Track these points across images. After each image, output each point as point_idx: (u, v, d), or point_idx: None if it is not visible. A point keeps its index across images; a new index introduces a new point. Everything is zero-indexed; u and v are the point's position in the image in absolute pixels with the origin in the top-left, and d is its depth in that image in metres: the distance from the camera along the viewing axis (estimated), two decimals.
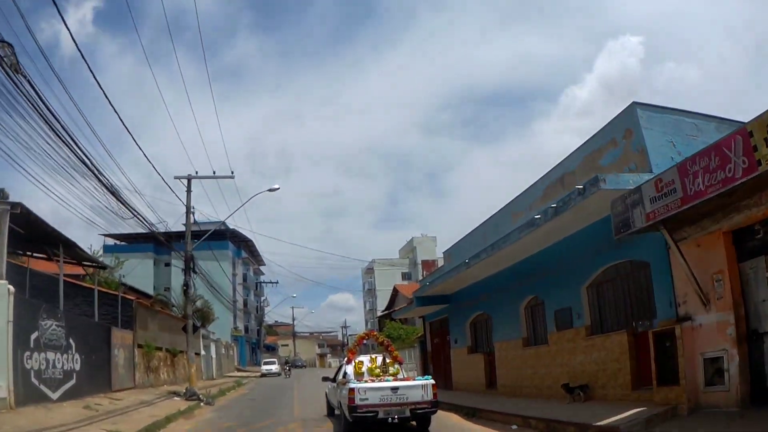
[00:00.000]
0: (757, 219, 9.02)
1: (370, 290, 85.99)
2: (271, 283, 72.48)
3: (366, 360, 14.24)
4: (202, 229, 70.79)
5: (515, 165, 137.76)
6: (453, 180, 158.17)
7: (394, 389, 11.57)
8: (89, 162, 14.61)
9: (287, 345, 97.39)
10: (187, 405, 20.54)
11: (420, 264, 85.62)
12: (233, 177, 27.43)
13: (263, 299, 73.83)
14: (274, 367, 51.39)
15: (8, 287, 13.08)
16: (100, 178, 16.12)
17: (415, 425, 12.49)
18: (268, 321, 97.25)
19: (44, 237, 17.32)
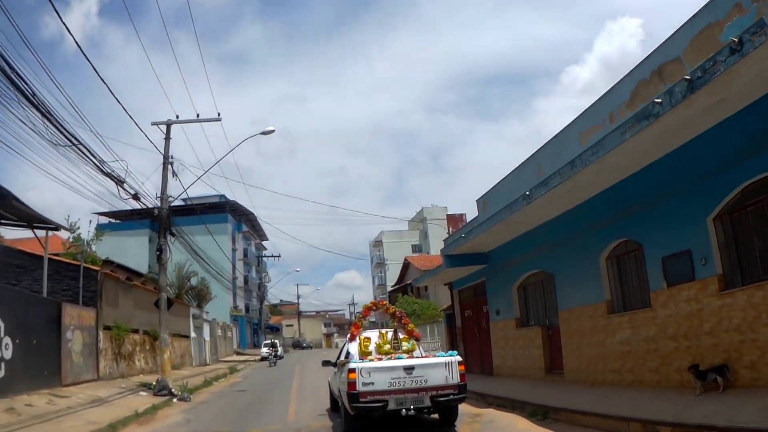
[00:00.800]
0: None
1: (379, 264, 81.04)
2: (273, 257, 67.61)
3: (374, 336, 11.23)
4: (200, 203, 66.44)
5: (518, 141, 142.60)
6: (457, 158, 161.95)
7: (409, 369, 8.95)
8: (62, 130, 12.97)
9: (292, 325, 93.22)
10: (152, 403, 15.80)
11: (430, 236, 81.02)
12: (220, 120, 22.36)
13: (264, 275, 69.07)
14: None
15: None
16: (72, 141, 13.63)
17: (438, 418, 10.02)
18: (272, 300, 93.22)
19: None
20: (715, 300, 9.32)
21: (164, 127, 21.56)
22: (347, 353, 11.02)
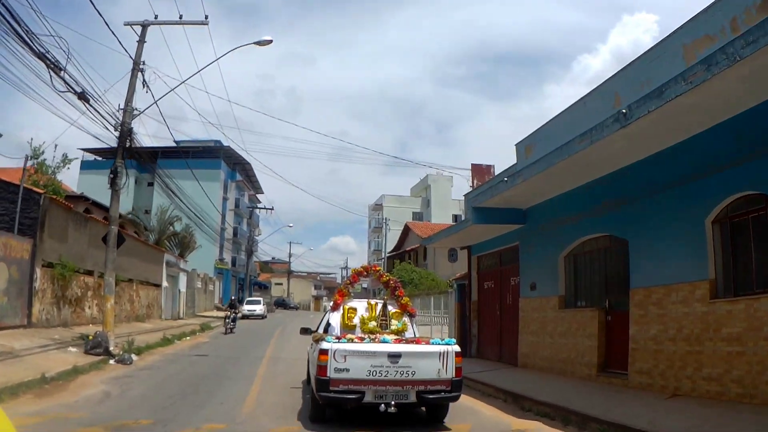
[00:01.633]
0: None
1: (377, 228, 77.09)
2: (266, 209, 63.49)
3: (361, 307, 9.52)
4: (193, 145, 62.19)
5: (525, 121, 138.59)
6: (462, 131, 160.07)
7: (394, 356, 7.30)
8: None
9: (281, 284, 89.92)
10: (76, 363, 12.08)
11: (432, 205, 77.11)
12: (207, 23, 18.19)
13: (255, 229, 65.16)
14: (259, 308, 43.08)
15: None
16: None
17: (425, 413, 8.22)
18: (263, 257, 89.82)
19: None
20: None
21: (139, 30, 17.50)
22: (327, 324, 9.27)
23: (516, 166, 13.79)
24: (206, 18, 18.28)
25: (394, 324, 9.07)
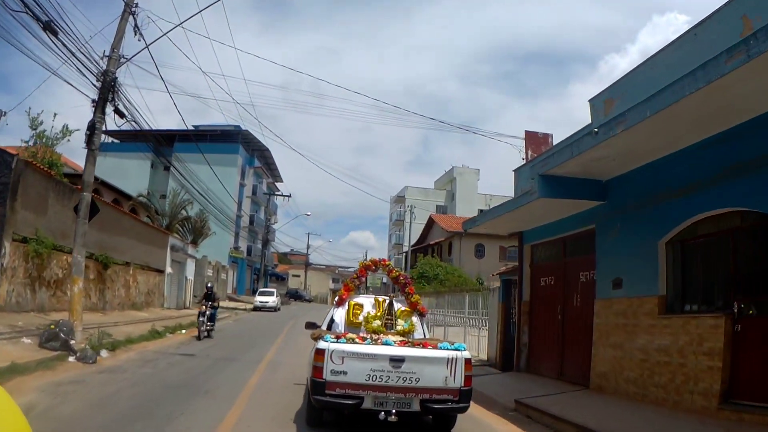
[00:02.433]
0: None
1: (399, 221, 73.87)
2: (284, 197, 60.53)
3: (368, 303, 8.59)
4: (210, 129, 59.64)
5: (550, 122, 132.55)
6: (487, 130, 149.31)
7: (397, 360, 6.60)
8: None
9: (299, 276, 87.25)
10: (13, 361, 9.21)
11: (457, 199, 73.69)
12: None
13: (272, 217, 62.41)
14: (272, 300, 40.30)
15: None
16: None
17: (431, 421, 7.59)
18: (282, 249, 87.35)
19: None
20: None
21: None
22: (331, 321, 8.65)
23: (592, 126, 10.58)
24: None
25: (401, 324, 8.28)
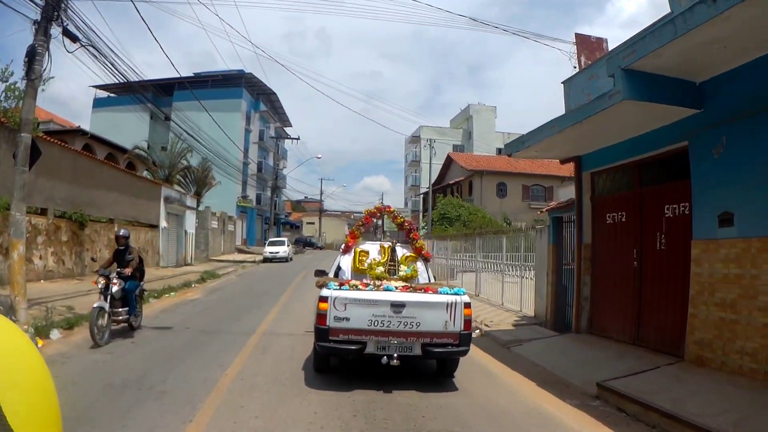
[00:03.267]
0: None
1: (414, 162, 70.49)
2: (292, 139, 57.27)
3: (374, 249, 8.62)
4: (214, 74, 56.22)
5: (556, 64, 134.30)
6: (496, 74, 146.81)
7: (398, 306, 6.78)
8: None
9: (313, 223, 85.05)
10: None
11: (474, 138, 70.10)
12: None
13: (280, 161, 59.16)
14: (282, 250, 37.80)
15: None
16: None
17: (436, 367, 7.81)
18: (296, 196, 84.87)
19: None
20: None
21: None
22: (338, 268, 8.55)
23: (671, 15, 7.41)
24: None
25: (403, 269, 8.30)
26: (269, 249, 37.78)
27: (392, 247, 8.54)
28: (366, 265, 8.31)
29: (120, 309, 9.56)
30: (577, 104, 9.86)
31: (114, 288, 9.31)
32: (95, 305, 8.86)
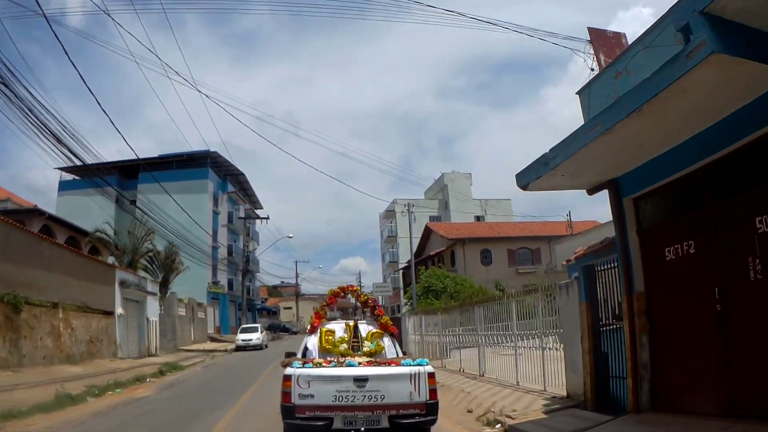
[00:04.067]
0: None
1: (391, 237, 68.41)
2: (261, 219, 54.81)
3: (340, 329, 8.73)
4: (177, 155, 54.33)
5: (526, 129, 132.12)
6: (466, 145, 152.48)
7: (361, 380, 6.84)
8: None
9: (291, 308, 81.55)
10: None
11: (451, 207, 68.83)
12: None
13: (250, 242, 56.56)
14: (255, 337, 35.04)
15: None
16: None
17: None
18: (272, 281, 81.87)
19: None
20: None
21: None
22: (305, 348, 8.57)
23: None
24: None
25: (367, 345, 8.28)
26: (241, 336, 35.02)
27: (355, 325, 8.62)
28: (330, 344, 8.34)
29: None
30: (599, 111, 7.78)
31: None
32: None
